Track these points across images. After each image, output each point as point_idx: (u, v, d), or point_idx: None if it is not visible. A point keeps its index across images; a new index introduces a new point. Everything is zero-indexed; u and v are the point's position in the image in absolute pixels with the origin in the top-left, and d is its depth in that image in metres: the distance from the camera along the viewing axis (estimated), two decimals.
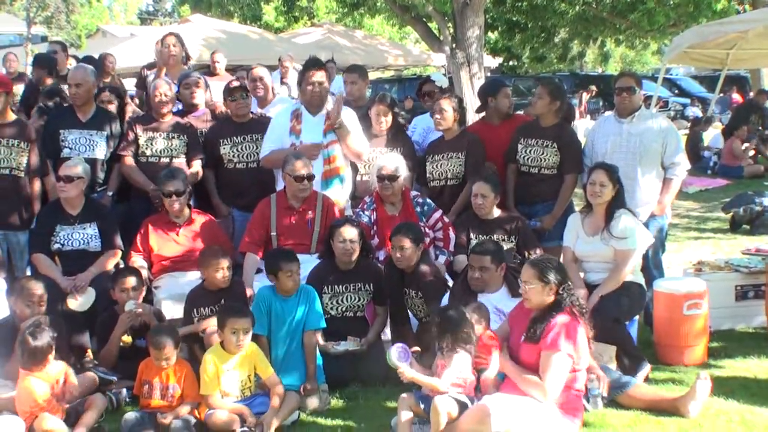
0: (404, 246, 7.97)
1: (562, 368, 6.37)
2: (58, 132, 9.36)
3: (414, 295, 8.16)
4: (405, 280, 8.20)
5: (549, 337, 6.38)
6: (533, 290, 6.55)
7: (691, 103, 35.44)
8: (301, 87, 9.34)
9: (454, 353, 6.59)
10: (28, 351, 6.68)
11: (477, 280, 7.61)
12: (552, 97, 9.19)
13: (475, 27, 15.93)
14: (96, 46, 27.28)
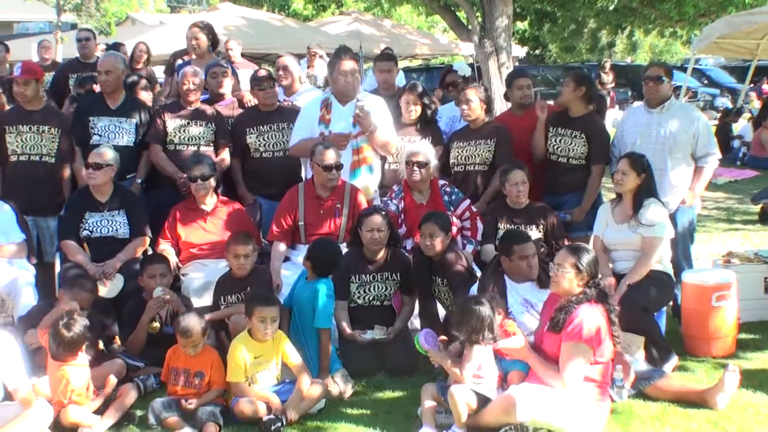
0: (434, 233, 7.96)
1: (582, 359, 6.36)
2: (87, 119, 9.39)
3: (441, 283, 8.15)
4: (433, 268, 8.19)
5: (570, 327, 6.37)
6: (565, 276, 6.55)
7: (720, 93, 35.22)
8: (332, 76, 9.34)
9: (474, 345, 6.58)
10: (63, 342, 6.71)
11: (534, 268, 7.60)
12: (576, 84, 9.20)
13: (503, 16, 15.88)
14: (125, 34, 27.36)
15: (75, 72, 11.92)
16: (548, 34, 33.91)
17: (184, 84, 9.56)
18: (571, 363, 6.33)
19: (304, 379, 7.00)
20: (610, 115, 22.58)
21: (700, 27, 21.28)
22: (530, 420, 6.19)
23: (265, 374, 7.03)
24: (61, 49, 27.59)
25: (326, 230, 8.61)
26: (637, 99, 28.94)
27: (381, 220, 8.05)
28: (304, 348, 7.48)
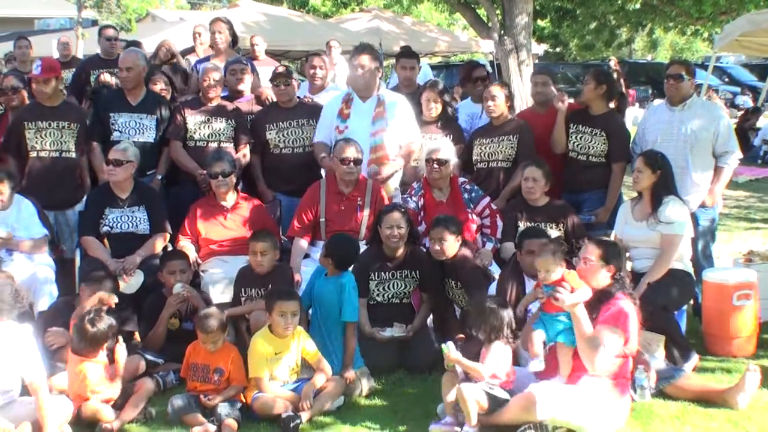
0: (443, 238, 7.93)
1: (615, 345, 6.36)
2: (108, 115, 9.41)
3: (454, 286, 8.13)
4: (445, 270, 8.18)
5: (608, 312, 6.40)
6: (593, 269, 6.54)
7: (741, 91, 35.08)
8: (351, 72, 9.35)
9: (493, 343, 6.58)
10: (86, 337, 6.75)
11: None
12: (597, 82, 9.19)
13: (523, 14, 15.83)
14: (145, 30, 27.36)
15: (96, 68, 11.94)
16: (568, 32, 33.83)
17: (205, 80, 9.57)
18: (604, 345, 6.32)
19: (320, 375, 7.02)
20: (630, 113, 22.51)
21: (721, 25, 21.20)
22: (550, 418, 6.19)
23: (285, 370, 7.03)
24: (82, 46, 27.65)
25: (347, 227, 8.60)
26: (657, 97, 28.83)
27: (400, 218, 8.03)
28: (326, 345, 7.49)
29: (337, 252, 7.67)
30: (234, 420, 6.66)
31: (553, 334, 6.53)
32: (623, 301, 6.48)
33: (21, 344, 6.19)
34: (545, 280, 6.49)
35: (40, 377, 6.20)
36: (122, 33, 21.18)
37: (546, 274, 6.47)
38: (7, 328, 6.20)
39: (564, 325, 6.49)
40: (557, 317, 6.51)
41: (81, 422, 6.68)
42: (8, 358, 6.14)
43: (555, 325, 6.52)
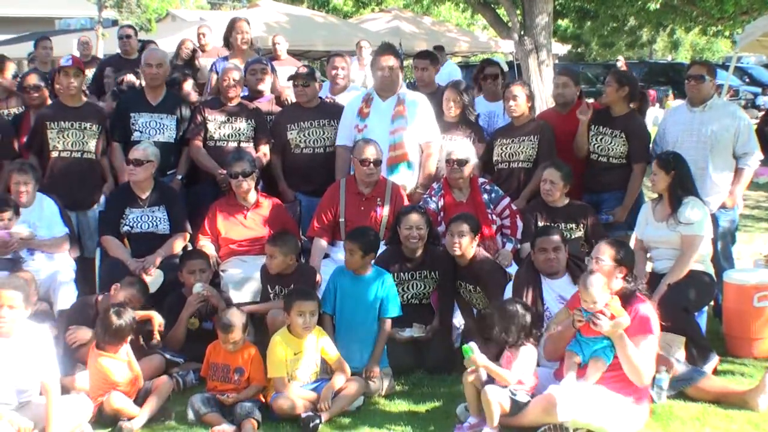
0: (462, 232, 7.91)
1: (654, 351, 6.39)
2: (128, 115, 9.45)
3: (472, 290, 8.11)
4: (459, 273, 8.16)
5: (635, 322, 6.38)
6: (606, 268, 6.52)
7: (762, 92, 34.91)
8: (373, 72, 9.39)
9: (522, 346, 6.57)
10: (111, 329, 6.81)
11: (552, 261, 7.49)
12: (619, 84, 9.14)
13: (544, 14, 15.77)
14: (165, 30, 27.44)
15: (116, 68, 11.98)
16: (589, 32, 33.72)
17: (225, 80, 9.58)
18: (648, 356, 6.35)
19: (339, 376, 7.03)
20: (650, 113, 22.40)
21: (742, 25, 21.10)
22: (571, 420, 6.17)
23: (305, 370, 7.04)
24: (102, 45, 27.74)
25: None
26: (677, 97, 28.73)
27: (419, 218, 8.03)
28: (354, 344, 7.54)
29: (361, 238, 7.67)
30: (254, 420, 6.65)
31: (589, 355, 6.47)
32: (643, 306, 6.47)
33: (38, 344, 6.21)
34: (588, 308, 6.42)
35: (53, 377, 6.22)
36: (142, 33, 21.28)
37: (593, 305, 6.39)
38: (24, 328, 6.23)
39: (601, 346, 6.44)
40: (594, 340, 6.46)
41: (102, 420, 6.71)
42: (25, 357, 6.16)
43: (591, 346, 6.46)
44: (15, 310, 6.03)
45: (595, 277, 6.43)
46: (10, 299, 6.00)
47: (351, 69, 11.22)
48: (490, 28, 27.32)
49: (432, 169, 9.18)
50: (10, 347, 6.12)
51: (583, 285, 6.44)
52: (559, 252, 7.51)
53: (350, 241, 7.68)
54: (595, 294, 6.35)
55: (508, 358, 6.59)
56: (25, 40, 27.31)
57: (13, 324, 6.06)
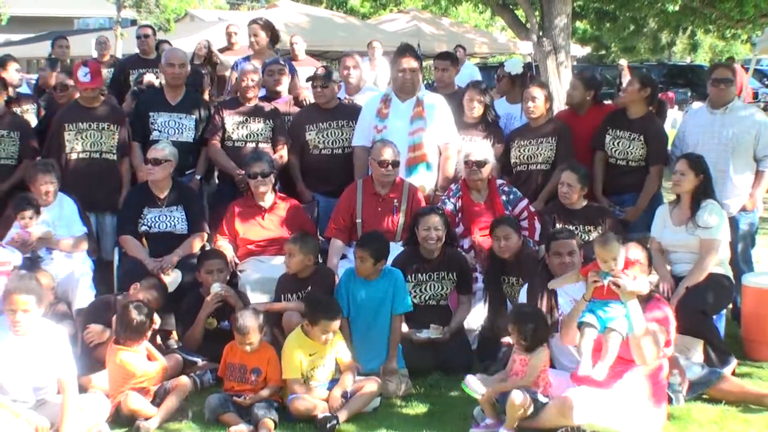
0: (508, 236, 7.96)
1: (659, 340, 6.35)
2: (147, 114, 9.48)
3: (515, 283, 8.09)
4: (505, 269, 8.16)
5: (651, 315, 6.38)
6: (641, 269, 6.51)
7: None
8: (392, 73, 9.38)
9: (536, 350, 6.55)
10: (131, 325, 6.84)
11: (567, 265, 7.44)
12: (642, 85, 9.09)
13: (562, 15, 15.78)
14: (184, 30, 27.53)
15: (135, 68, 12.02)
16: (608, 34, 33.66)
17: (243, 81, 9.59)
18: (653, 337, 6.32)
19: (348, 377, 7.03)
20: (669, 115, 22.35)
21: (762, 27, 21.05)
22: (587, 423, 6.15)
23: (321, 371, 7.03)
24: (121, 45, 27.81)
25: (384, 228, 8.59)
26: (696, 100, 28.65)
27: (438, 219, 8.02)
28: (367, 345, 7.56)
29: (371, 244, 7.67)
30: (271, 420, 6.65)
31: (605, 323, 6.33)
32: (660, 312, 6.45)
33: (53, 342, 6.23)
34: (609, 268, 6.32)
35: (69, 374, 6.24)
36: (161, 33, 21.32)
37: (613, 262, 6.28)
38: (40, 326, 6.25)
39: (617, 314, 6.31)
40: (609, 304, 6.35)
41: (120, 419, 6.73)
42: (41, 355, 6.19)
43: (607, 312, 6.33)
44: (29, 313, 6.05)
45: (611, 236, 6.42)
46: (24, 303, 6.02)
47: (363, 69, 11.18)
48: (508, 30, 27.31)
49: (451, 170, 9.17)
50: (26, 346, 6.15)
51: (601, 244, 6.35)
52: (573, 256, 7.48)
53: (361, 248, 7.66)
54: (616, 251, 6.28)
55: (523, 361, 6.56)
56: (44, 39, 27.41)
57: (30, 325, 6.09)
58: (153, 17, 34.58)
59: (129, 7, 35.76)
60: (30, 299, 6.03)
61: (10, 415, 6.06)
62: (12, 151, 9.40)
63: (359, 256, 7.62)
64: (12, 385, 6.19)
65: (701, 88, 9.04)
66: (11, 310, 6.05)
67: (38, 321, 6.22)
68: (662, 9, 22.29)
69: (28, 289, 6.08)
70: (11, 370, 6.17)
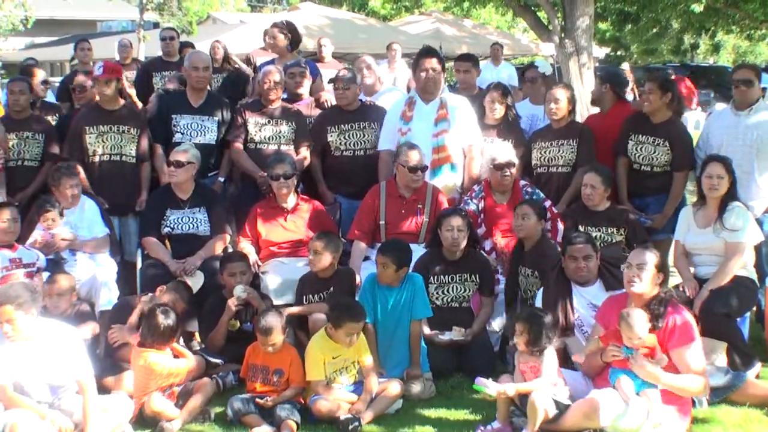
0: (527, 215, 7.99)
1: (701, 357, 6.37)
2: (170, 117, 9.51)
3: (530, 274, 8.08)
4: (522, 258, 8.16)
5: (677, 332, 6.33)
6: (649, 276, 6.47)
7: None
8: (415, 74, 9.37)
9: (545, 351, 6.52)
10: (158, 330, 6.87)
11: (583, 270, 7.43)
12: (662, 90, 9.00)
13: (585, 17, 15.77)
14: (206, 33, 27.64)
15: (158, 70, 12.06)
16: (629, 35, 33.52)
17: (265, 83, 9.60)
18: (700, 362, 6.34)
19: (372, 382, 7.02)
20: (692, 117, 22.30)
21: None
22: (612, 425, 6.12)
23: (344, 374, 7.05)
24: (143, 48, 27.90)
25: (407, 230, 8.61)
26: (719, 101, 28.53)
27: (461, 221, 8.01)
28: (390, 350, 7.56)
29: (393, 251, 7.63)
30: (293, 421, 6.66)
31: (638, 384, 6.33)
32: (679, 316, 6.41)
33: (66, 343, 6.27)
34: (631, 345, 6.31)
35: (87, 375, 6.27)
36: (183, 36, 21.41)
37: (638, 341, 6.29)
38: (46, 328, 6.30)
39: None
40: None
41: (143, 420, 6.74)
42: (54, 356, 6.22)
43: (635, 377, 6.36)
44: (16, 321, 6.05)
45: (637, 313, 6.33)
46: (7, 313, 6.03)
47: (379, 69, 11.18)
48: (530, 31, 27.26)
49: (476, 171, 9.14)
50: (38, 348, 6.19)
51: (625, 322, 6.31)
52: (589, 261, 7.43)
53: (383, 255, 7.62)
54: (639, 330, 6.26)
55: (533, 367, 6.54)
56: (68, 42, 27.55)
57: (21, 331, 6.10)
58: (175, 20, 34.75)
59: (151, 10, 35.93)
60: (8, 309, 6.04)
61: (35, 416, 6.11)
62: (36, 153, 9.48)
63: (381, 263, 7.60)
64: (30, 387, 6.24)
65: (724, 89, 8.96)
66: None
67: (39, 324, 6.26)
68: (685, 10, 22.22)
69: (7, 299, 6.09)
70: (27, 372, 6.22)
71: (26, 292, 6.15)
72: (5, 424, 6.04)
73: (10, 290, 6.17)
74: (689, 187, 9.39)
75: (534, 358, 6.55)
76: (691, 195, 8.76)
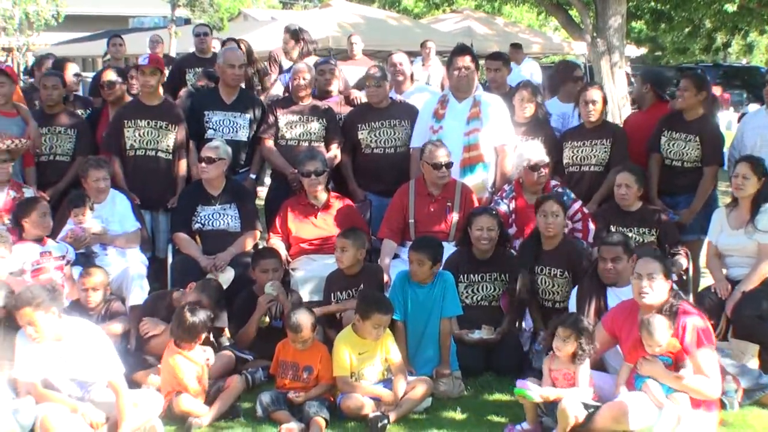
0: (557, 212, 7.93)
1: (716, 361, 6.30)
2: (202, 113, 9.55)
3: (553, 273, 8.03)
4: (541, 256, 8.10)
5: (691, 337, 6.26)
6: (660, 285, 6.42)
7: None
8: (448, 72, 9.36)
9: (586, 358, 6.47)
10: (184, 326, 6.88)
11: (610, 271, 7.40)
12: (698, 89, 8.98)
13: (617, 15, 15.67)
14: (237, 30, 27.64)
15: (191, 66, 12.07)
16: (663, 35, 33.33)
17: (295, 80, 9.62)
18: (714, 366, 6.27)
19: (400, 381, 6.99)
20: (724, 117, 22.18)
21: None
22: (641, 429, 6.08)
23: (371, 370, 7.05)
24: (175, 44, 27.98)
25: (436, 228, 8.60)
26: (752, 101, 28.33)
27: (491, 220, 8.01)
28: (421, 348, 7.55)
29: (428, 248, 7.60)
30: (322, 418, 6.66)
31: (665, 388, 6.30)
32: (691, 318, 6.35)
33: (94, 340, 6.33)
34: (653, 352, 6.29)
35: (118, 375, 6.32)
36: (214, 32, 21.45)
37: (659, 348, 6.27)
38: (79, 324, 6.38)
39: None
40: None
41: (172, 416, 6.76)
42: (82, 352, 6.28)
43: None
44: (38, 322, 6.11)
45: (658, 319, 6.28)
46: (28, 315, 6.10)
47: (413, 66, 11.16)
48: (562, 30, 27.16)
49: (509, 169, 9.11)
50: (63, 346, 6.26)
51: (646, 329, 6.27)
52: (618, 262, 7.38)
53: (418, 252, 7.58)
54: (660, 337, 6.23)
55: (567, 374, 6.50)
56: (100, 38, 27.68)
57: (45, 331, 6.16)
58: (206, 16, 34.82)
59: (183, 6, 36.01)
60: (27, 311, 6.10)
61: (66, 409, 6.17)
62: (68, 148, 9.51)
63: (417, 259, 7.56)
64: (58, 383, 6.32)
65: (757, 89, 8.92)
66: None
67: (71, 322, 6.35)
68: (719, 9, 22.08)
69: (25, 301, 6.14)
70: (54, 370, 6.29)
71: (43, 292, 6.20)
72: (36, 416, 6.13)
73: (27, 292, 6.22)
74: (721, 188, 9.34)
75: (572, 366, 6.49)
76: (724, 196, 8.71)
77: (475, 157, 9.00)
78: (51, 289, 6.36)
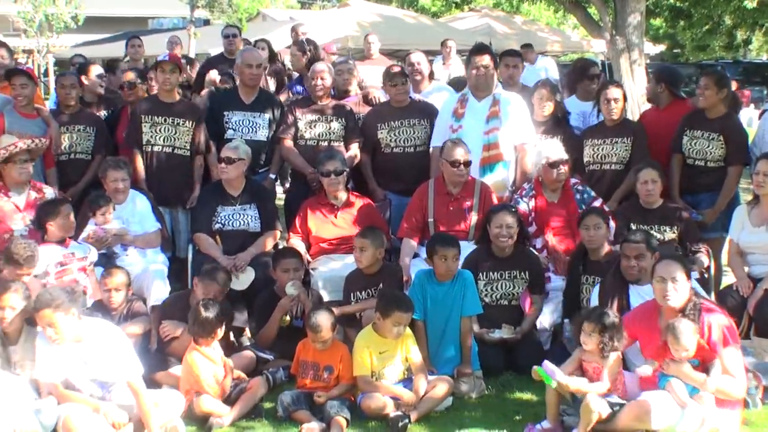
0: (599, 225, 7.91)
1: (741, 360, 6.28)
2: (222, 113, 9.57)
3: (593, 282, 7.98)
4: (586, 267, 8.08)
5: (717, 335, 6.23)
6: (683, 286, 6.39)
7: None
8: (467, 71, 9.34)
9: (610, 356, 6.45)
10: (199, 321, 6.90)
11: (633, 269, 7.38)
12: (718, 87, 8.93)
13: (636, 13, 15.65)
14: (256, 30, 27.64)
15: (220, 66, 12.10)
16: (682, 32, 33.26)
17: (314, 80, 9.63)
18: (739, 365, 6.25)
19: (421, 381, 6.99)
20: (745, 114, 22.07)
21: None
22: (664, 428, 6.06)
23: (392, 369, 7.04)
24: (194, 45, 28.04)
25: (456, 227, 8.59)
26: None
27: (510, 218, 7.99)
28: (442, 347, 7.54)
29: (454, 244, 7.63)
30: (343, 418, 6.66)
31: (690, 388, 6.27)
32: (715, 317, 6.33)
33: (114, 341, 6.36)
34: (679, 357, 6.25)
35: (137, 377, 6.34)
36: None
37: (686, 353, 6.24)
38: (99, 325, 6.41)
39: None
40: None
41: (192, 416, 6.78)
42: (102, 353, 6.30)
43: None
44: (58, 324, 6.14)
45: (684, 324, 6.24)
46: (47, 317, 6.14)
47: (433, 65, 11.15)
48: (581, 28, 27.10)
49: (529, 167, 9.09)
50: (83, 347, 6.29)
51: (672, 334, 6.23)
52: (641, 260, 7.36)
53: (445, 248, 7.58)
54: (686, 342, 6.20)
55: (596, 369, 6.47)
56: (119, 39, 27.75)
57: (65, 333, 6.19)
58: (225, 17, 34.93)
59: (202, 7, 36.10)
60: (47, 312, 6.13)
61: (88, 409, 6.21)
62: (87, 146, 9.58)
63: (443, 255, 7.56)
64: (79, 384, 6.35)
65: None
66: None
67: (91, 323, 6.39)
68: (738, 6, 22.04)
69: (44, 303, 6.17)
70: (75, 371, 6.32)
71: (63, 294, 6.23)
72: (59, 416, 6.16)
73: (46, 294, 6.25)
74: (742, 185, 9.30)
75: (601, 360, 6.45)
76: (746, 193, 8.67)
77: (494, 155, 8.97)
78: (70, 290, 6.40)
